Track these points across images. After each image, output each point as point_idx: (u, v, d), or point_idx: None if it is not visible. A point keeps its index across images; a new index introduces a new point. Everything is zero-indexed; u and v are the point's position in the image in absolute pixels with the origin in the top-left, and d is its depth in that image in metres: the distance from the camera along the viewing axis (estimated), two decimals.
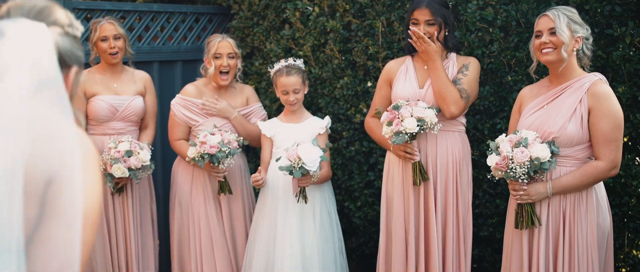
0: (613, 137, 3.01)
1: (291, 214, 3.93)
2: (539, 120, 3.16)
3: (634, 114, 3.57)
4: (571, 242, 3.08)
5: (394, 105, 3.53)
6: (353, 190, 4.65)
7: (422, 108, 3.46)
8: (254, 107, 4.30)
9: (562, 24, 3.05)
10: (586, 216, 3.08)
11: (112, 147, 3.89)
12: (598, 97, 3.02)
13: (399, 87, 3.72)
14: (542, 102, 3.20)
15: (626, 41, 3.48)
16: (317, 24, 4.62)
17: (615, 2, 3.50)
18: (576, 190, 3.09)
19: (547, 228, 3.14)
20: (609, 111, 3.01)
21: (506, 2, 3.88)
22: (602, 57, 3.60)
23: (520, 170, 3.03)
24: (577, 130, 3.05)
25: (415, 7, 3.61)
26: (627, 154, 3.68)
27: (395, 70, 3.80)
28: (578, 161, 3.10)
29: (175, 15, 5.16)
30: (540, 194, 3.11)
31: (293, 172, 3.65)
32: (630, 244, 3.83)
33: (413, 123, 3.40)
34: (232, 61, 4.12)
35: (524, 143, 3.03)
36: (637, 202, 3.71)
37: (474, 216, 4.20)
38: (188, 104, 4.13)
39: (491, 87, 3.99)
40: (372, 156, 4.57)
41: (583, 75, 3.13)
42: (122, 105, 4.11)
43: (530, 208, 3.15)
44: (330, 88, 4.66)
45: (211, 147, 3.81)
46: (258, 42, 5.12)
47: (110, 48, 4.04)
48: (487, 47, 3.96)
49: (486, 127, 4.03)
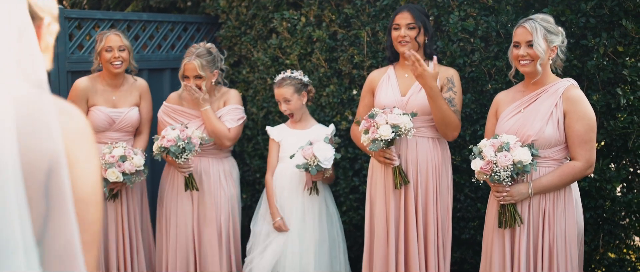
0: (588, 138, 3.17)
1: (293, 215, 4.09)
2: (518, 124, 3.30)
3: (607, 120, 3.72)
4: (551, 239, 3.22)
5: (370, 114, 3.62)
6: (338, 195, 4.76)
7: (396, 115, 3.54)
8: (224, 109, 4.28)
9: (539, 38, 3.18)
10: (564, 213, 3.24)
11: (106, 152, 3.98)
12: (572, 101, 3.18)
13: (381, 95, 3.81)
14: (519, 107, 3.33)
15: (600, 51, 3.63)
16: (304, 34, 4.75)
17: (590, 15, 3.65)
18: (555, 189, 3.24)
19: (528, 227, 3.28)
20: (583, 114, 3.16)
21: (486, 13, 4.03)
22: (577, 67, 3.75)
23: (504, 173, 3.16)
24: (554, 133, 3.20)
25: (396, 13, 3.72)
26: (602, 159, 3.83)
27: (377, 79, 3.89)
28: (556, 161, 3.26)
29: (164, 24, 5.25)
30: (522, 194, 3.25)
31: (309, 169, 3.84)
32: (606, 246, 3.97)
33: (388, 130, 3.50)
34: (199, 81, 4.14)
35: (506, 147, 3.17)
36: (611, 204, 3.86)
37: (456, 219, 4.32)
38: (169, 110, 4.27)
39: (472, 95, 4.13)
40: (357, 162, 4.69)
41: (557, 80, 3.28)
42: (118, 118, 4.22)
43: (513, 208, 3.28)
44: (316, 96, 4.77)
45: (168, 141, 3.92)
46: (245, 50, 5.23)
47: (114, 58, 4.13)
48: (469, 56, 4.11)
49: (467, 133, 4.17)
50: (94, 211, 1.34)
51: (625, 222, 3.93)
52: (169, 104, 4.29)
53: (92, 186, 1.33)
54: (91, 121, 4.16)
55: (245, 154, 5.36)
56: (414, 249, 3.72)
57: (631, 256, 4.03)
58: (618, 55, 3.64)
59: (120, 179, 3.94)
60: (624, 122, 3.62)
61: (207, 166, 4.27)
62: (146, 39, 5.12)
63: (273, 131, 4.30)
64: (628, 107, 3.66)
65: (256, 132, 5.23)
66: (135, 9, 6.19)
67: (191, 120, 4.22)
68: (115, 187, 4.10)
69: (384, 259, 3.82)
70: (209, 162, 4.28)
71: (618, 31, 3.59)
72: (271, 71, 5.01)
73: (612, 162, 3.88)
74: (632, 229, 3.94)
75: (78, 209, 1.29)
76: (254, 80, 5.17)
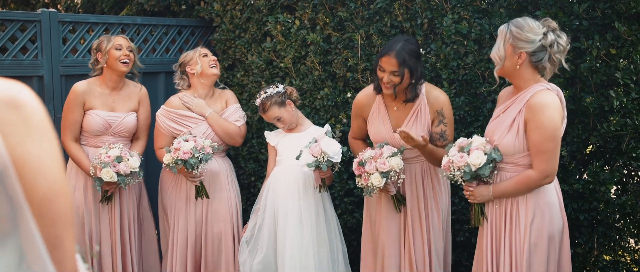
0: (543, 148, 3.06)
1: (291, 218, 4.09)
2: (491, 128, 3.32)
3: (601, 123, 3.72)
4: (511, 243, 3.21)
5: (360, 162, 3.62)
6: (333, 198, 4.73)
7: (385, 158, 3.54)
8: (229, 110, 4.40)
9: (500, 43, 3.14)
10: (525, 219, 3.16)
11: (103, 152, 3.99)
12: (532, 109, 3.07)
13: (374, 130, 3.81)
14: (501, 110, 3.31)
15: (593, 54, 3.63)
16: (298, 37, 4.75)
17: (582, 17, 3.66)
18: (513, 196, 3.20)
19: (491, 227, 3.30)
20: (540, 123, 3.04)
21: (480, 16, 4.04)
22: (570, 69, 3.75)
23: (458, 173, 3.22)
24: (512, 141, 3.15)
25: (384, 53, 3.55)
26: (596, 161, 3.84)
27: (366, 108, 3.85)
28: (521, 167, 3.19)
29: (159, 27, 5.25)
30: (483, 196, 3.28)
31: (320, 166, 3.82)
32: (600, 248, 3.97)
33: (378, 179, 3.53)
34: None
35: (466, 149, 3.22)
36: (605, 207, 3.86)
37: (451, 222, 4.31)
38: (172, 115, 4.27)
39: (466, 98, 4.13)
40: (351, 165, 4.67)
41: (532, 86, 3.16)
42: (115, 122, 4.22)
43: (478, 207, 3.34)
44: (310, 99, 4.77)
45: (184, 153, 3.93)
46: (240, 54, 5.22)
47: (124, 56, 4.17)
48: (462, 59, 4.11)
49: (462, 135, 4.14)
50: (61, 203, 1.27)
51: (619, 224, 3.93)
52: (172, 108, 4.29)
53: (52, 178, 1.26)
54: (87, 125, 4.16)
55: (240, 158, 5.35)
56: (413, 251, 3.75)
57: (626, 258, 4.04)
58: (611, 58, 3.64)
59: (114, 179, 3.93)
60: (617, 125, 3.63)
61: (216, 165, 4.31)
62: (140, 42, 5.11)
63: (270, 136, 4.34)
64: (621, 109, 3.66)
65: (251, 136, 5.22)
66: (129, 12, 6.18)
67: (198, 125, 4.25)
68: (110, 188, 4.10)
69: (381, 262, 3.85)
70: (217, 161, 4.33)
71: (611, 34, 3.59)
72: (265, 74, 5.01)
73: (606, 165, 3.89)
74: (626, 231, 3.94)
75: (43, 207, 1.24)
76: (248, 83, 5.17)
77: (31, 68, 4.45)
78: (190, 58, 4.34)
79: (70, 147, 4.14)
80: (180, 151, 3.94)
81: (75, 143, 4.15)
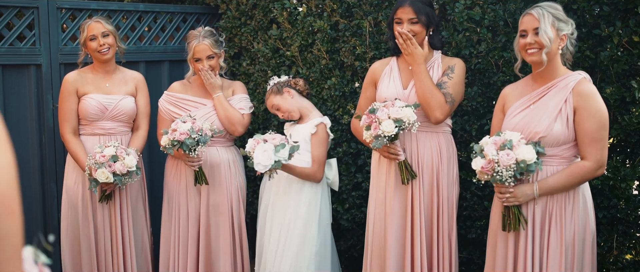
0: (599, 137, 2.96)
1: (277, 213, 4.03)
2: (524, 120, 3.11)
3: (621, 115, 3.53)
4: (557, 243, 3.03)
5: (371, 108, 3.46)
6: (341, 192, 4.60)
7: (398, 108, 3.38)
8: (235, 98, 4.26)
9: (547, 24, 2.99)
10: (572, 216, 3.04)
11: (97, 151, 3.86)
12: (583, 96, 2.98)
13: (383, 88, 3.68)
14: (527, 102, 3.14)
15: (614, 41, 3.43)
16: (305, 24, 4.57)
17: (603, 2, 3.46)
18: (563, 190, 3.04)
19: (533, 229, 3.09)
20: (594, 110, 2.96)
21: (494, 1, 3.83)
22: (590, 57, 3.55)
23: (507, 173, 2.96)
24: (563, 130, 3.00)
25: (398, 6, 3.55)
26: (616, 156, 3.65)
27: (379, 71, 3.75)
28: (565, 160, 3.06)
29: (162, 15, 5.11)
30: (527, 195, 3.06)
31: (247, 161, 3.72)
32: (619, 247, 3.78)
33: (391, 125, 3.34)
34: (213, 61, 4.11)
35: (509, 145, 2.97)
36: (625, 204, 3.67)
37: (462, 219, 4.16)
38: (173, 99, 4.19)
39: (479, 88, 3.94)
40: (360, 158, 4.52)
41: (567, 73, 3.08)
42: (111, 104, 4.09)
43: (517, 210, 3.10)
44: (317, 89, 4.61)
45: (181, 134, 3.79)
46: (246, 42, 5.07)
47: (100, 46, 4.03)
48: (475, 47, 3.92)
49: (474, 128, 3.98)
50: (6, 224, 1.09)
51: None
52: (173, 93, 4.21)
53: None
54: (83, 111, 4.05)
55: None
56: (417, 247, 3.59)
57: None
58: (633, 46, 3.43)
59: (110, 179, 3.80)
60: (639, 117, 3.42)
61: (217, 154, 4.18)
62: (143, 30, 4.97)
63: (286, 127, 4.28)
64: None
65: (257, 126, 5.08)
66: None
67: (198, 109, 4.13)
68: (108, 188, 3.99)
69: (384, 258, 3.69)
70: (218, 151, 4.19)
71: (633, 20, 3.38)
72: (272, 63, 4.85)
73: (627, 159, 3.70)
74: None
75: None
76: (255, 72, 5.02)
77: (28, 56, 4.33)
78: (188, 50, 4.19)
79: (69, 142, 4.03)
80: (177, 132, 3.80)
81: (74, 136, 4.04)
